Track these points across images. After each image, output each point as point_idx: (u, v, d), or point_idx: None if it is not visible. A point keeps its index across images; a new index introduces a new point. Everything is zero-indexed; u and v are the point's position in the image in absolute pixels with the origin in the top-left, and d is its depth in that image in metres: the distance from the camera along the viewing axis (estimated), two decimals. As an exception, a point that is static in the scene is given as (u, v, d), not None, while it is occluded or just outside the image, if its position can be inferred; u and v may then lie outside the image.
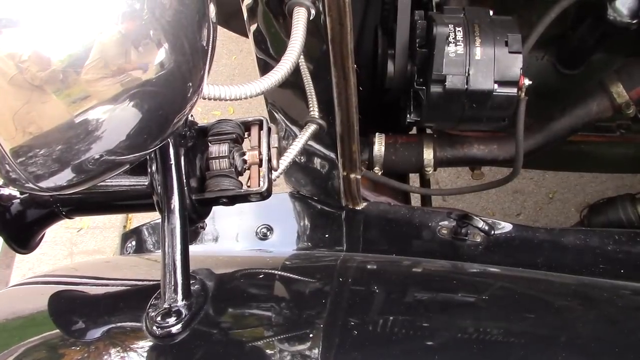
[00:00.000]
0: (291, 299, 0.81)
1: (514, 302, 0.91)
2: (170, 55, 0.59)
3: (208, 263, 0.87)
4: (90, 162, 0.58)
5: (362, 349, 0.70)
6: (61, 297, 0.82)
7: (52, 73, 0.54)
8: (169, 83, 0.60)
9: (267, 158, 0.81)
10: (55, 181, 0.58)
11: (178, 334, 0.67)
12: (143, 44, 0.57)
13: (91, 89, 0.56)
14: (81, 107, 0.56)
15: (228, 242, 1.15)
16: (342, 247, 1.14)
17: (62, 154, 0.57)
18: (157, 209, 0.79)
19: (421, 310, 0.80)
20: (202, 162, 0.81)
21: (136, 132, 0.59)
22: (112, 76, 0.56)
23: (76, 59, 0.54)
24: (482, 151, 1.25)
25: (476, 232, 1.13)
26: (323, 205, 1.20)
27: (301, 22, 0.82)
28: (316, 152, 1.18)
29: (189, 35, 0.61)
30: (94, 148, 0.57)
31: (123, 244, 1.24)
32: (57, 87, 0.54)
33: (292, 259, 1.04)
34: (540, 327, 0.82)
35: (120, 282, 0.86)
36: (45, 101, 0.55)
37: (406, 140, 1.25)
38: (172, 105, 0.62)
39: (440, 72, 1.05)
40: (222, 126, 0.82)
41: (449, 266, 1.02)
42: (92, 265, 1.04)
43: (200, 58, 0.64)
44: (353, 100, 0.96)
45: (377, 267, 0.94)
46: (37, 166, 0.56)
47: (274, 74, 0.76)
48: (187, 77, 0.62)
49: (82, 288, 0.86)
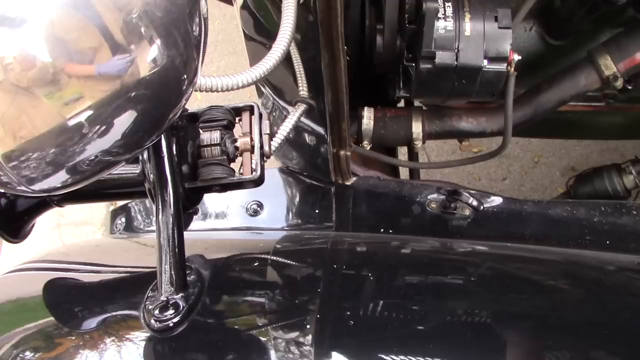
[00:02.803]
0: (285, 285, 0.81)
1: (504, 281, 0.92)
2: (163, 50, 0.58)
3: (202, 248, 0.88)
4: (85, 163, 0.58)
5: (359, 334, 0.71)
6: (55, 287, 0.82)
7: (42, 76, 0.53)
8: (163, 79, 0.59)
9: (259, 145, 0.80)
10: (49, 183, 0.58)
11: (176, 326, 0.67)
12: (135, 41, 0.56)
13: (83, 90, 0.55)
14: (74, 109, 0.55)
15: (218, 219, 1.16)
16: (331, 224, 1.14)
17: (56, 156, 0.56)
18: (150, 196, 0.79)
19: (414, 293, 0.81)
20: (194, 149, 0.80)
21: (132, 130, 0.58)
22: (105, 76, 0.55)
23: (66, 59, 0.53)
24: (471, 124, 1.25)
25: (465, 206, 1.14)
26: (312, 181, 1.20)
27: (291, 6, 0.81)
28: (306, 128, 1.18)
29: (181, 28, 0.60)
30: (88, 149, 0.57)
31: (112, 220, 1.24)
32: (48, 90, 0.54)
33: (283, 241, 1.04)
34: (532, 304, 0.84)
35: (114, 270, 0.86)
36: (36, 105, 0.54)
37: (395, 113, 1.25)
38: (168, 100, 0.62)
39: (429, 48, 1.04)
40: (213, 112, 0.81)
41: (439, 245, 1.03)
42: (83, 250, 1.04)
43: (194, 50, 0.63)
44: (343, 81, 0.95)
45: (368, 249, 0.95)
46: (29, 169, 0.56)
47: (266, 61, 0.76)
48: (182, 70, 0.61)
49: (76, 276, 0.86)
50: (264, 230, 1.11)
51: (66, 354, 0.69)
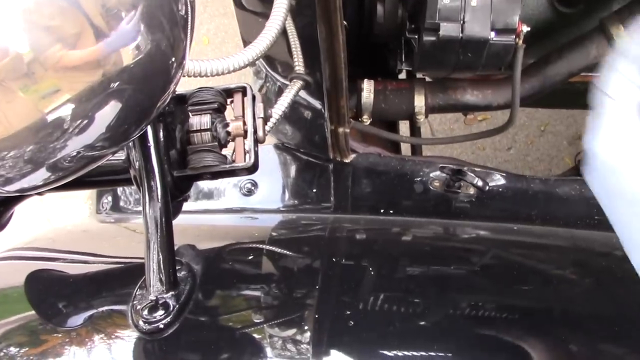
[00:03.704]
0: (281, 279, 0.80)
1: (513, 270, 0.91)
2: (147, 35, 0.55)
3: (193, 236, 0.86)
4: (67, 160, 0.55)
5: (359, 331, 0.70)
6: (39, 279, 0.81)
7: (16, 67, 0.50)
8: (149, 65, 0.56)
9: (253, 129, 0.78)
10: (29, 182, 0.56)
11: (167, 327, 0.66)
12: (116, 26, 0.53)
13: (62, 82, 0.52)
14: (52, 102, 0.52)
15: (211, 199, 1.14)
16: (329, 204, 1.12)
17: (35, 154, 0.53)
18: (135, 184, 0.76)
19: (418, 285, 0.80)
20: (182, 135, 0.78)
21: (117, 123, 0.56)
22: (84, 66, 0.52)
23: (41, 49, 0.50)
24: (476, 97, 1.23)
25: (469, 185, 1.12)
26: (309, 158, 1.18)
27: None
28: (302, 103, 1.15)
29: (165, 7, 0.57)
30: (70, 145, 0.54)
31: (99, 199, 1.22)
32: (22, 82, 0.51)
33: (279, 228, 1.02)
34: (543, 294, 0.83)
35: (102, 261, 0.85)
36: (11, 100, 0.51)
37: (396, 86, 1.22)
38: (155, 87, 0.59)
39: (433, 19, 1.01)
40: (203, 94, 0.78)
41: (443, 231, 1.01)
42: (70, 236, 1.02)
43: (181, 30, 0.59)
44: (341, 56, 0.92)
45: (369, 236, 0.94)
46: (5, 169, 0.53)
47: (261, 41, 0.73)
48: (169, 54, 0.58)
49: (62, 267, 0.84)
50: (258, 212, 1.09)
51: (49, 353, 0.68)
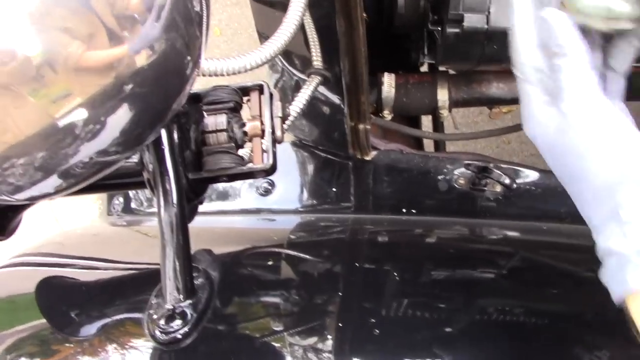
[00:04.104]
0: (302, 285, 0.79)
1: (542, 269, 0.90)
2: (161, 34, 0.54)
3: (209, 240, 0.85)
4: (79, 166, 0.55)
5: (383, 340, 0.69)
6: (50, 286, 0.80)
7: (24, 71, 0.49)
8: (164, 66, 0.55)
9: (270, 129, 0.77)
10: (40, 190, 0.55)
11: (185, 338, 0.65)
12: (128, 26, 0.52)
13: (73, 86, 0.51)
14: (63, 107, 0.51)
15: (226, 199, 1.13)
16: (349, 204, 1.11)
17: (45, 161, 0.53)
18: (149, 187, 0.76)
19: (446, 291, 0.79)
20: (197, 135, 0.77)
21: (131, 126, 0.55)
22: (96, 68, 0.51)
23: (51, 51, 0.49)
24: (502, 90, 1.21)
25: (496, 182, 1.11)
26: (328, 155, 1.17)
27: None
28: (320, 98, 1.14)
29: (179, 4, 0.56)
30: (82, 151, 0.53)
31: (110, 201, 1.21)
32: (32, 87, 0.50)
33: (298, 230, 1.01)
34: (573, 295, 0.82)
35: (114, 267, 0.84)
36: (20, 105, 0.50)
37: (418, 79, 1.21)
38: (170, 88, 0.58)
39: (457, 10, 1.00)
40: (218, 93, 0.78)
41: (470, 232, 1.00)
42: (80, 240, 1.01)
43: (196, 27, 0.59)
44: (362, 50, 0.91)
45: (393, 237, 0.93)
46: (15, 177, 0.53)
47: (278, 37, 0.72)
48: (184, 53, 0.57)
49: (73, 273, 0.84)
50: (276, 213, 1.08)
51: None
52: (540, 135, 0.58)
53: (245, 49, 2.73)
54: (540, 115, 0.57)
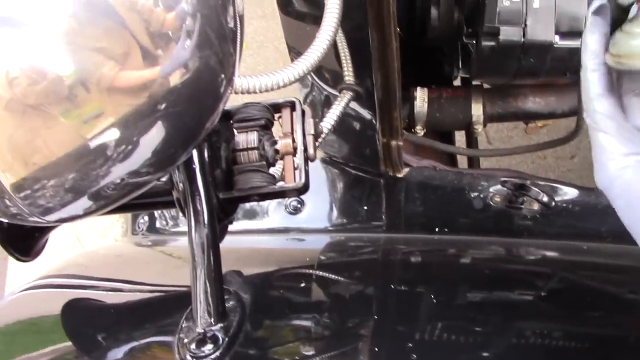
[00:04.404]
0: (334, 306, 0.79)
1: (583, 291, 0.88)
2: (195, 51, 0.54)
3: (238, 260, 0.85)
4: (110, 188, 0.55)
5: None
6: (74, 309, 0.80)
7: (56, 90, 0.49)
8: (197, 84, 0.55)
9: (303, 147, 0.76)
10: (69, 212, 0.55)
11: (217, 363, 0.64)
12: (162, 44, 0.52)
13: (106, 106, 0.51)
14: (95, 127, 0.51)
15: (254, 218, 1.13)
16: (381, 223, 1.11)
17: (76, 182, 0.53)
18: (179, 207, 0.76)
19: (486, 316, 0.78)
20: (228, 153, 0.77)
21: (163, 146, 0.55)
22: (129, 88, 0.51)
23: (84, 71, 0.49)
24: (539, 104, 1.20)
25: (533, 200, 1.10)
26: (359, 172, 1.17)
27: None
28: (350, 113, 1.14)
29: (213, 21, 0.56)
30: (114, 172, 0.53)
31: (134, 220, 1.22)
32: (63, 107, 0.50)
33: (329, 250, 1.01)
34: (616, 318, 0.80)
35: (140, 288, 0.84)
36: (51, 125, 0.51)
37: (452, 94, 1.20)
38: (204, 107, 0.58)
39: (492, 23, 0.99)
40: (249, 110, 0.77)
41: (504, 250, 0.99)
42: (104, 261, 1.02)
43: (230, 44, 0.58)
44: (394, 65, 0.91)
45: (428, 258, 0.92)
46: (45, 199, 0.53)
47: (311, 53, 0.71)
48: (218, 70, 0.57)
49: (98, 295, 0.84)
50: (305, 232, 1.08)
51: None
52: (617, 186, 0.56)
53: (271, 62, 2.75)
54: (615, 164, 0.55)
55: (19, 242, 0.79)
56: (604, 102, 0.56)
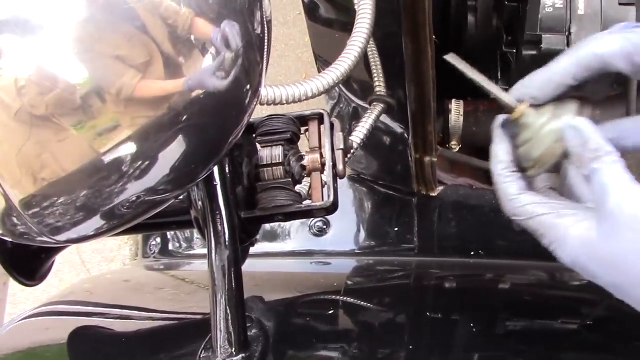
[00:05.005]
0: (363, 336, 0.77)
1: (629, 320, 0.86)
2: (220, 62, 0.52)
3: (260, 286, 0.83)
4: (125, 206, 0.53)
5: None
6: (83, 336, 0.79)
7: (68, 101, 0.47)
8: (221, 95, 0.53)
9: (332, 163, 0.75)
10: (79, 232, 0.53)
11: (238, 395, 0.63)
12: (185, 52, 0.50)
13: (122, 118, 0.49)
14: (110, 141, 0.49)
15: (277, 240, 1.11)
16: (412, 245, 1.09)
17: (88, 200, 0.51)
18: (197, 228, 0.74)
19: (520, 340, 0.76)
20: (251, 169, 0.75)
21: (183, 162, 0.53)
22: (148, 98, 0.50)
23: (98, 79, 0.48)
24: (584, 117, 1.17)
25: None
26: (389, 191, 1.15)
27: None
28: (381, 127, 1.12)
29: (241, 29, 0.54)
30: (129, 189, 0.52)
31: (146, 241, 1.20)
32: (77, 118, 0.48)
33: (356, 275, 0.99)
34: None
35: (152, 316, 0.83)
36: (63, 138, 0.49)
37: (489, 107, 1.18)
38: (227, 120, 0.56)
39: (534, 31, 0.97)
40: (274, 123, 0.76)
41: (545, 275, 0.96)
42: (111, 286, 1.00)
43: (257, 52, 0.57)
44: (430, 75, 0.89)
45: (460, 282, 0.90)
46: (55, 217, 0.51)
47: (342, 63, 0.70)
48: (243, 81, 0.55)
49: (106, 322, 0.82)
50: (331, 255, 1.06)
51: None
52: (584, 254, 0.55)
53: (293, 73, 2.75)
54: (577, 231, 0.56)
55: (23, 265, 0.78)
56: (527, 195, 0.61)
